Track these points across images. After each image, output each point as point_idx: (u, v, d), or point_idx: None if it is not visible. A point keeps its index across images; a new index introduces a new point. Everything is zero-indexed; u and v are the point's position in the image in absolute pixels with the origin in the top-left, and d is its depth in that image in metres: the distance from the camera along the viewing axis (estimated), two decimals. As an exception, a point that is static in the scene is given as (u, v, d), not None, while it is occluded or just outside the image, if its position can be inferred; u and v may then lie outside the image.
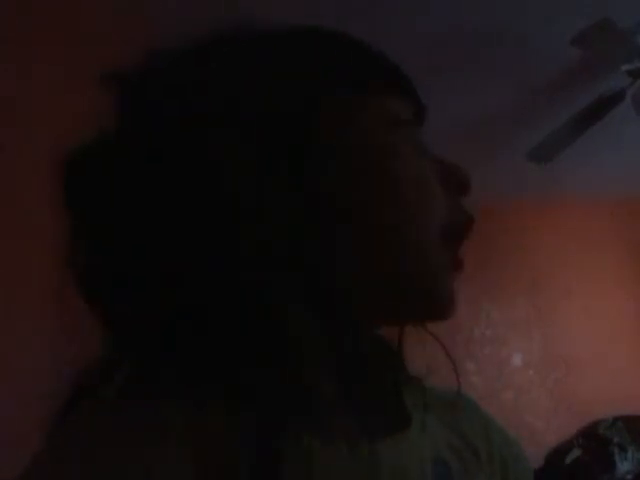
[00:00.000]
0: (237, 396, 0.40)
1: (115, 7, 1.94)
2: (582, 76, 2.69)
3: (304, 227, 0.45)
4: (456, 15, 2.28)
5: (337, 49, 0.51)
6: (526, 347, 3.97)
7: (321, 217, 0.46)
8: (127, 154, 0.47)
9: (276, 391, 0.40)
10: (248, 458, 0.38)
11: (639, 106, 2.56)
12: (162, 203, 0.44)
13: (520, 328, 3.95)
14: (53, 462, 0.40)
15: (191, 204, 0.43)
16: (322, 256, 0.45)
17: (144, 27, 2.21)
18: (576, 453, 3.61)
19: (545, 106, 2.93)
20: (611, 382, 3.82)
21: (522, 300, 3.90)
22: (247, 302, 0.42)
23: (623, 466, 3.62)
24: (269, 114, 0.46)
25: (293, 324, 0.42)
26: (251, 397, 0.40)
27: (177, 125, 0.45)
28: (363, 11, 2.17)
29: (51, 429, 0.45)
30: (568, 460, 3.54)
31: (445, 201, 0.50)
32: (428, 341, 0.57)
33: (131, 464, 0.38)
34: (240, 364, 0.41)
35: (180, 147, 0.45)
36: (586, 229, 4.19)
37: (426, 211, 0.48)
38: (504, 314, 3.86)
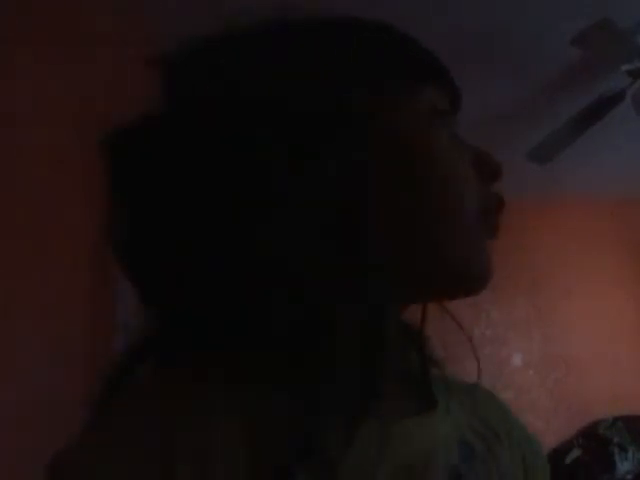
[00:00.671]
0: (275, 379, 0.43)
1: (115, 7, 1.94)
2: (582, 76, 2.69)
3: (341, 216, 0.46)
4: (456, 15, 2.28)
5: (375, 40, 0.53)
6: (526, 347, 3.97)
7: (359, 206, 0.47)
8: (172, 136, 0.49)
9: (313, 375, 0.42)
10: (289, 437, 0.40)
11: (639, 106, 2.56)
12: (206, 184, 0.46)
13: (520, 328, 3.95)
14: (111, 431, 0.41)
15: (231, 190, 0.45)
16: (360, 243, 0.47)
17: (144, 27, 2.21)
18: (576, 453, 3.61)
19: (545, 106, 2.93)
20: (611, 382, 3.82)
21: (522, 300, 3.90)
22: (281, 289, 0.44)
23: (623, 466, 3.62)
24: (310, 108, 0.47)
25: (326, 310, 0.44)
26: (288, 380, 0.42)
27: (219, 113, 0.47)
28: (363, 11, 2.17)
29: (98, 405, 0.46)
30: (568, 460, 3.54)
31: (477, 186, 0.52)
32: (438, 333, 0.58)
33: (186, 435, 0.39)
34: (277, 348, 0.43)
35: (222, 134, 0.46)
36: (586, 229, 4.18)
37: (461, 196, 0.50)
38: (504, 314, 3.86)
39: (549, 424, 3.71)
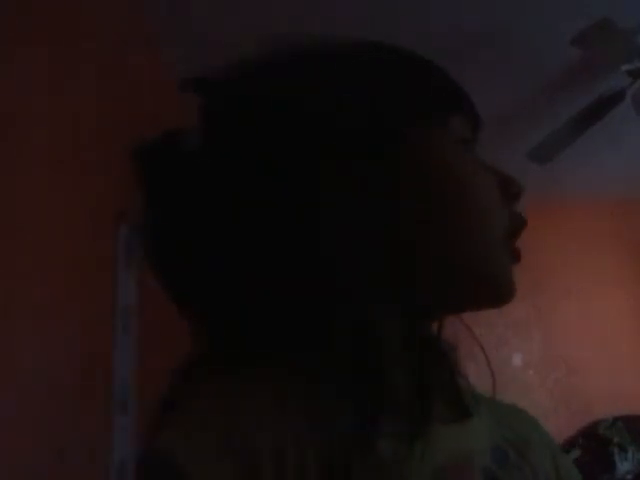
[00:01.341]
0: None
1: (115, 7, 1.94)
2: (582, 76, 2.69)
3: (387, 235, 0.51)
4: (456, 15, 2.28)
5: (407, 70, 0.57)
6: (526, 347, 3.97)
7: (404, 226, 0.52)
8: (214, 158, 0.52)
9: (372, 381, 0.46)
10: (350, 437, 0.43)
11: (639, 106, 2.56)
12: (249, 206, 0.49)
13: (520, 328, 3.95)
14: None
15: (279, 211, 0.49)
16: (403, 261, 0.51)
17: (144, 27, 2.21)
18: (576, 453, 3.61)
19: (545, 106, 2.93)
20: (611, 382, 3.82)
21: (522, 300, 3.89)
22: (331, 305, 0.47)
23: (623, 466, 3.62)
24: (354, 135, 0.51)
25: (374, 327, 0.47)
26: (348, 386, 0.45)
27: (266, 135, 0.51)
28: (363, 11, 2.17)
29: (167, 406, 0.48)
30: (568, 460, 3.53)
31: (502, 207, 0.56)
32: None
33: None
34: (333, 355, 0.46)
35: (268, 157, 0.50)
36: (586, 229, 4.19)
37: (491, 217, 0.55)
38: (504, 314, 3.86)
39: (549, 424, 3.70)
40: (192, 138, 0.53)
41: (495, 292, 0.56)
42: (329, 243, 0.48)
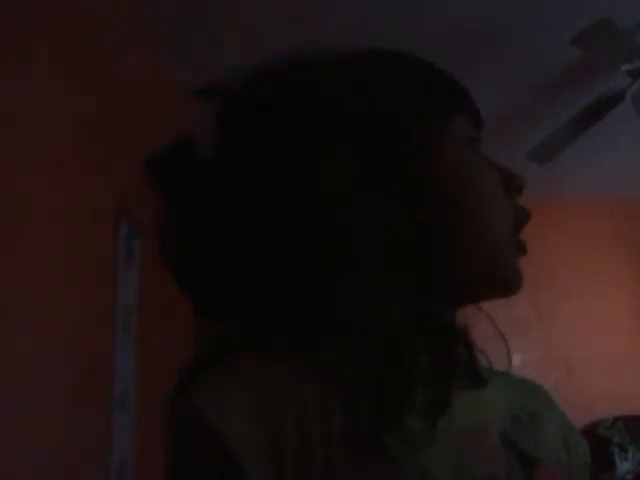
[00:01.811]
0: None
1: (115, 7, 1.94)
2: (582, 76, 2.69)
3: (403, 232, 0.52)
4: (456, 15, 2.28)
5: (418, 74, 0.58)
6: (526, 347, 3.97)
7: (404, 226, 0.53)
8: (221, 163, 0.54)
9: (396, 365, 0.48)
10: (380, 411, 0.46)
11: (639, 106, 2.56)
12: (265, 212, 0.50)
13: (520, 328, 3.95)
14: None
15: (280, 211, 0.50)
16: (404, 260, 0.52)
17: (144, 27, 2.21)
18: (576, 453, 3.60)
19: (545, 106, 2.93)
20: (611, 382, 3.82)
21: (522, 300, 3.89)
22: (348, 301, 0.48)
23: (623, 466, 3.62)
24: (356, 131, 0.52)
25: (394, 322, 0.49)
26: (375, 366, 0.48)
27: (268, 137, 0.52)
28: (363, 11, 2.17)
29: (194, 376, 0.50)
30: (568, 460, 3.53)
31: (507, 201, 0.57)
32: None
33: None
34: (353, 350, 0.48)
35: (269, 158, 0.51)
36: (586, 229, 4.18)
37: (494, 214, 0.56)
38: (504, 314, 3.85)
39: (549, 424, 3.70)
40: (203, 145, 0.55)
41: (500, 286, 0.58)
42: (329, 243, 0.49)
